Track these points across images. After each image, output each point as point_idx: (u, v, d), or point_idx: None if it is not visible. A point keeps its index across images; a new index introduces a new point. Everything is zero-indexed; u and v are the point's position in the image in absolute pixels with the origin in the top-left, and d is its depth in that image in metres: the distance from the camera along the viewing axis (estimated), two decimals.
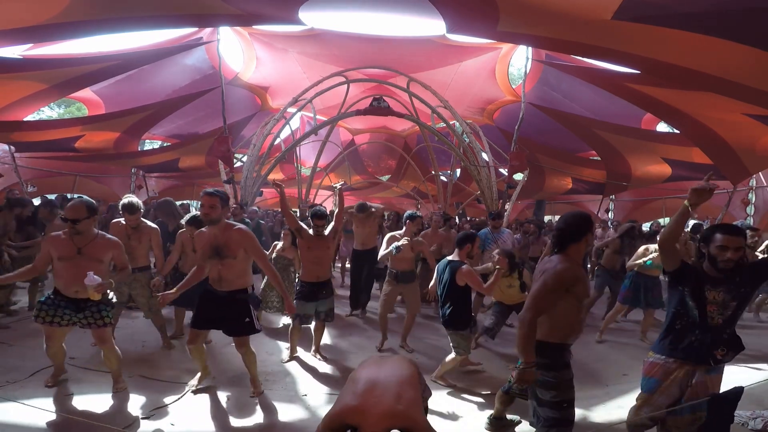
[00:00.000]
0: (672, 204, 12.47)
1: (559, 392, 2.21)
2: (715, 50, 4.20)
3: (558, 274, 2.13)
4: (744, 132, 6.67)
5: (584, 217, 2.29)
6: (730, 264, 2.19)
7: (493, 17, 4.82)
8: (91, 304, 2.99)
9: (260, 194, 10.11)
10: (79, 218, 2.89)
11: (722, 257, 2.20)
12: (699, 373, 2.29)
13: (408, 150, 15.76)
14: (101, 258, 3.00)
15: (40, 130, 8.94)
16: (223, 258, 3.06)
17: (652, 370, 2.39)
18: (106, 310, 3.06)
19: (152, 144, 16.83)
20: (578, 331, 2.31)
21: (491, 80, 10.29)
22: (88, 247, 2.96)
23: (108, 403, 3.05)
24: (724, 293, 2.23)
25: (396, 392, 1.69)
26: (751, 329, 5.79)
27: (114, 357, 3.17)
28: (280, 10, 6.27)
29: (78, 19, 5.09)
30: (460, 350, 3.57)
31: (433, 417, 3.15)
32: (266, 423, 2.98)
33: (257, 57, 9.92)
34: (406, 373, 1.86)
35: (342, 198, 4.19)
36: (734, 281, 2.23)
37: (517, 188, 10.20)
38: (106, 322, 3.06)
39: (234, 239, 3.06)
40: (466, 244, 3.68)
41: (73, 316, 2.98)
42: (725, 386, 3.79)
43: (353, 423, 1.63)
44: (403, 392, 1.70)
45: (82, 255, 2.93)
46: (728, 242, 2.20)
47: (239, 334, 3.17)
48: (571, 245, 2.22)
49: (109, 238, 3.12)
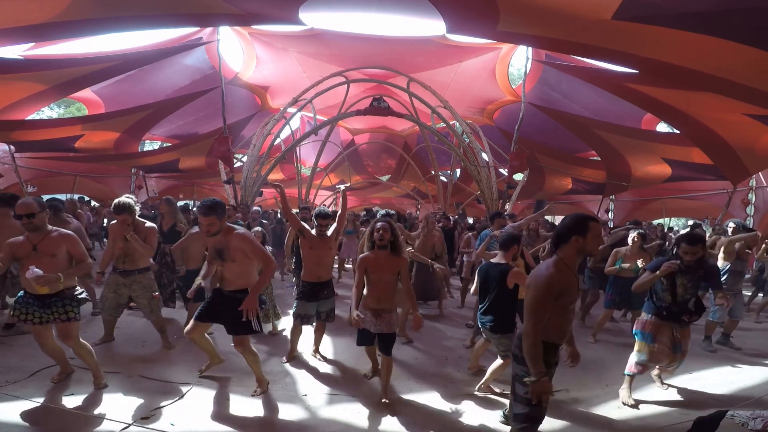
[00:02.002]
0: (672, 204, 12.48)
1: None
2: (715, 50, 4.21)
3: (546, 282, 2.10)
4: (744, 132, 6.68)
5: (577, 217, 2.22)
6: (691, 263, 3.28)
7: (493, 17, 4.83)
8: (56, 299, 3.00)
9: (260, 194, 10.11)
10: (34, 212, 2.95)
11: (685, 258, 3.28)
12: (675, 327, 3.41)
13: (408, 150, 15.77)
14: (54, 252, 3.01)
15: (40, 129, 8.95)
16: (224, 260, 3.16)
17: (646, 326, 3.45)
18: (71, 305, 3.07)
19: (152, 144, 16.83)
20: (565, 333, 2.30)
21: (491, 80, 10.29)
22: (43, 243, 2.99)
23: (108, 403, 3.05)
24: (687, 280, 3.33)
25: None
26: (752, 330, 5.79)
27: (85, 351, 3.18)
28: (280, 10, 6.28)
29: (79, 18, 5.10)
30: (509, 352, 3.45)
31: (447, 416, 3.15)
32: (266, 423, 2.98)
33: (257, 57, 9.92)
34: None
35: (345, 199, 4.19)
36: (697, 273, 3.34)
37: (517, 188, 10.21)
38: (70, 317, 3.06)
39: (233, 244, 3.11)
40: (513, 245, 3.56)
41: (42, 312, 3.00)
42: (726, 387, 3.82)
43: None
44: None
45: (37, 252, 2.96)
46: (688, 250, 3.27)
47: (236, 332, 3.19)
48: (563, 247, 2.18)
49: (62, 232, 3.12)
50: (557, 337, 2.25)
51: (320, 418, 3.09)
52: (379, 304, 3.32)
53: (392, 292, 3.37)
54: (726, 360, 4.61)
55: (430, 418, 3.13)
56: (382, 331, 3.32)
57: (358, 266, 3.34)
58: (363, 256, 3.38)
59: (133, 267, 4.06)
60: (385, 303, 3.33)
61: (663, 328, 3.39)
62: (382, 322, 3.31)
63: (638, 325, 3.50)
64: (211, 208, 3.04)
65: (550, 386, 2.13)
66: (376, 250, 3.30)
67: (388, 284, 3.32)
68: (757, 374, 4.20)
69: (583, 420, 3.18)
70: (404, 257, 3.39)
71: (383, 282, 3.30)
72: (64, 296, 3.04)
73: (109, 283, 4.07)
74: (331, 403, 3.31)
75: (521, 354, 2.21)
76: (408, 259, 3.48)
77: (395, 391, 3.49)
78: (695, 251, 3.26)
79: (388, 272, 3.29)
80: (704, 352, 4.81)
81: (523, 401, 2.24)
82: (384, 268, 3.29)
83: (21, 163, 9.43)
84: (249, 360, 3.32)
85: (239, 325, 3.13)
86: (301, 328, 4.09)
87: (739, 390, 3.80)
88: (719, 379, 4.06)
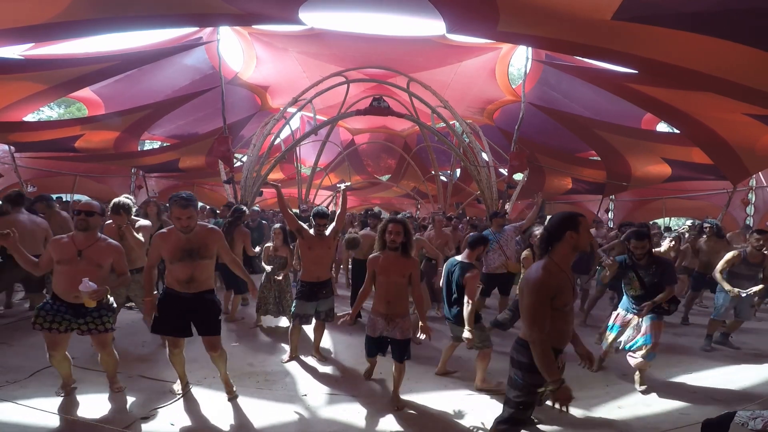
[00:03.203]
0: (672, 204, 12.47)
1: (522, 393, 2.21)
2: (715, 50, 4.21)
3: (539, 287, 2.07)
4: (744, 132, 6.68)
5: (566, 215, 2.20)
6: (641, 257, 3.71)
7: (493, 17, 4.83)
8: (92, 310, 2.91)
9: (260, 194, 10.11)
10: (93, 212, 2.90)
11: (636, 252, 3.72)
12: (644, 320, 3.69)
13: (408, 150, 15.77)
14: (101, 263, 2.92)
15: (40, 130, 8.95)
16: (200, 259, 2.96)
17: (617, 320, 3.90)
18: (108, 316, 3.00)
19: (152, 144, 16.82)
20: (565, 337, 2.27)
21: (491, 80, 10.29)
22: (89, 250, 2.88)
23: (108, 403, 3.05)
24: (644, 275, 3.70)
25: None
26: (751, 330, 5.79)
27: (112, 361, 3.15)
28: (280, 9, 6.28)
29: (79, 18, 5.09)
30: (483, 344, 3.56)
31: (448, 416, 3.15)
32: (266, 423, 2.98)
33: (257, 57, 9.92)
34: None
35: (345, 199, 4.18)
36: (650, 269, 3.70)
37: (517, 188, 10.21)
38: (107, 328, 3.01)
39: (212, 239, 3.00)
40: (480, 245, 3.71)
41: (73, 321, 2.90)
42: (727, 386, 3.81)
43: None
44: None
45: (82, 258, 2.85)
46: (636, 245, 3.70)
47: (212, 332, 3.09)
48: (555, 245, 2.15)
49: (111, 242, 3.04)
50: (557, 342, 2.19)
51: (320, 418, 3.09)
52: (390, 308, 3.16)
53: (404, 295, 3.20)
54: (726, 360, 4.60)
55: (430, 418, 3.13)
56: (394, 337, 3.17)
57: (368, 267, 3.23)
58: (372, 257, 3.25)
59: (131, 267, 4.06)
60: (396, 307, 3.17)
61: (632, 322, 3.79)
62: (395, 328, 3.16)
63: (612, 319, 3.96)
64: (190, 200, 2.86)
65: (570, 391, 2.06)
66: (386, 251, 3.17)
67: (398, 287, 3.15)
68: (758, 374, 4.20)
69: (583, 420, 3.18)
70: (415, 259, 3.25)
71: (393, 285, 3.15)
72: (100, 306, 2.94)
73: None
74: (331, 403, 3.31)
75: (518, 357, 2.19)
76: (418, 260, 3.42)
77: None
78: (642, 245, 3.67)
79: (398, 274, 3.13)
80: (704, 352, 4.80)
81: (511, 404, 2.26)
82: (393, 271, 3.13)
83: (21, 163, 9.43)
84: (220, 360, 3.19)
85: (213, 326, 3.08)
86: (301, 327, 4.09)
87: (739, 390, 3.80)
88: (720, 379, 4.06)
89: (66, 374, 3.11)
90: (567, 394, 2.04)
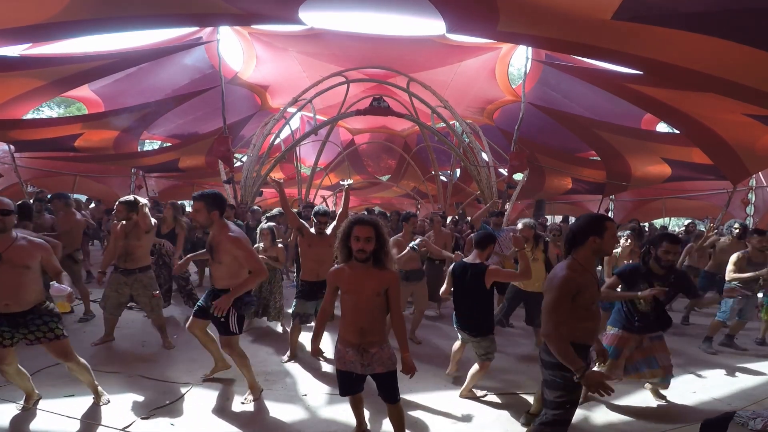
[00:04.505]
0: (672, 204, 12.47)
1: (565, 392, 2.19)
2: (715, 50, 4.20)
3: (562, 284, 2.10)
4: (744, 132, 6.67)
5: (594, 218, 2.23)
6: (671, 263, 3.16)
7: (493, 17, 4.83)
8: (32, 317, 2.65)
9: (260, 194, 10.11)
10: (9, 210, 2.61)
11: (666, 258, 3.12)
12: (646, 339, 3.26)
13: (408, 150, 15.76)
14: (28, 263, 2.62)
15: (39, 127, 8.94)
16: (213, 259, 3.09)
17: (612, 341, 3.29)
18: (54, 322, 2.73)
19: (152, 144, 16.83)
20: (593, 333, 2.28)
21: (491, 80, 10.29)
22: (9, 251, 2.58)
23: (108, 404, 3.05)
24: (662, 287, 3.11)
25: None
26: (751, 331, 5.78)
27: (82, 369, 2.91)
28: (280, 9, 6.27)
29: (78, 18, 5.08)
30: (492, 355, 3.39)
31: (448, 417, 3.15)
32: (266, 423, 2.98)
33: (257, 56, 9.92)
34: None
35: (348, 197, 4.18)
36: (668, 279, 3.17)
37: (517, 188, 10.20)
38: (58, 334, 2.73)
39: (223, 246, 2.98)
40: (489, 244, 3.46)
41: (15, 332, 2.63)
42: (727, 386, 3.81)
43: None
44: None
45: (3, 262, 2.55)
46: (670, 249, 3.11)
47: (219, 331, 3.16)
48: (578, 249, 2.19)
49: (34, 241, 2.74)
50: (585, 338, 2.21)
51: (320, 418, 3.09)
52: (363, 336, 2.39)
53: (380, 318, 2.46)
54: (726, 360, 4.60)
55: (430, 419, 3.13)
56: (375, 372, 2.43)
57: (327, 283, 2.52)
58: (335, 270, 2.49)
59: (134, 266, 4.09)
60: (371, 334, 2.40)
61: (630, 342, 3.26)
62: (373, 361, 2.41)
63: (605, 340, 3.29)
64: (203, 195, 2.99)
65: (598, 376, 2.04)
66: (352, 262, 2.41)
67: (371, 309, 2.40)
68: (759, 374, 4.20)
69: (583, 420, 3.18)
70: (393, 270, 2.46)
71: (365, 306, 2.39)
72: (41, 312, 2.68)
73: (111, 282, 4.10)
74: (331, 403, 3.31)
75: (549, 358, 2.18)
76: (398, 272, 2.64)
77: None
78: (676, 250, 3.15)
79: (370, 292, 2.39)
80: (704, 353, 4.80)
81: (553, 405, 2.22)
82: (364, 287, 2.39)
83: (21, 163, 9.42)
84: (237, 363, 3.20)
85: (218, 324, 3.10)
86: (301, 327, 4.09)
87: (740, 391, 3.81)
88: (720, 379, 4.06)
89: (26, 388, 2.90)
90: (597, 378, 2.03)
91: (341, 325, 2.48)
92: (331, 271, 2.52)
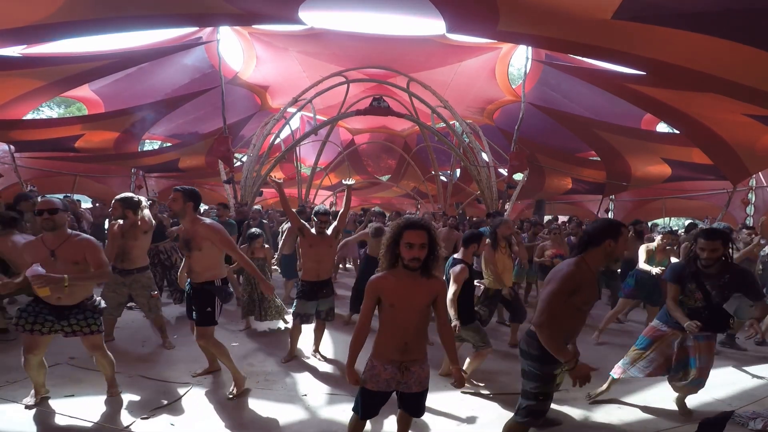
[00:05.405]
0: (672, 204, 12.48)
1: (540, 384, 2.27)
2: (715, 50, 4.21)
3: (564, 278, 2.16)
4: (744, 132, 6.68)
5: (611, 223, 2.31)
6: (710, 262, 2.83)
7: (493, 17, 4.83)
8: (76, 311, 2.84)
9: (260, 194, 10.12)
10: (57, 209, 2.76)
11: (702, 256, 2.84)
12: (689, 338, 3.00)
13: (408, 150, 15.77)
14: (77, 260, 2.79)
15: (40, 128, 8.95)
16: (190, 250, 3.15)
17: (650, 332, 3.18)
18: (93, 317, 2.92)
19: (152, 144, 16.83)
20: (574, 334, 2.36)
21: (491, 80, 10.30)
22: (62, 248, 2.76)
23: (108, 404, 3.05)
24: (711, 287, 2.89)
25: None
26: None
27: (107, 362, 3.08)
28: (280, 9, 6.28)
29: (74, 18, 5.06)
30: (480, 344, 3.50)
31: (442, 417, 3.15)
32: (266, 423, 2.98)
33: (257, 56, 9.93)
34: None
35: (350, 196, 4.17)
36: (722, 279, 2.86)
37: (517, 188, 10.21)
38: (93, 330, 2.92)
39: (199, 233, 3.10)
40: (472, 243, 3.60)
41: (56, 323, 2.82)
42: (727, 388, 3.81)
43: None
44: None
45: (56, 258, 2.73)
46: (704, 245, 2.83)
47: (198, 323, 3.20)
48: (590, 249, 2.24)
49: (83, 237, 2.89)
50: (565, 335, 2.27)
51: (320, 418, 3.09)
52: (407, 353, 2.16)
53: (424, 332, 2.24)
54: (727, 360, 4.60)
55: (430, 418, 3.13)
56: (410, 391, 2.20)
57: (367, 293, 2.18)
58: (377, 278, 2.18)
59: (132, 266, 4.08)
60: (415, 351, 2.18)
61: (667, 338, 3.07)
62: (410, 380, 2.18)
63: (646, 332, 3.22)
64: (183, 188, 3.15)
65: (587, 369, 2.13)
66: (398, 269, 2.14)
67: (417, 322, 2.17)
68: (759, 375, 4.19)
69: (584, 420, 3.18)
70: (441, 279, 2.28)
71: (413, 320, 2.15)
72: (84, 307, 2.87)
73: (109, 282, 4.08)
74: (331, 403, 3.31)
75: (528, 349, 2.28)
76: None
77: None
78: (714, 247, 2.79)
79: (420, 304, 2.15)
80: None
81: (528, 396, 2.31)
82: (413, 299, 2.13)
83: (21, 163, 9.42)
84: (217, 353, 3.29)
85: (202, 316, 3.17)
86: (301, 327, 4.09)
87: (740, 391, 3.80)
88: (720, 379, 4.05)
89: (39, 382, 2.97)
90: (585, 371, 2.13)
91: (379, 340, 2.22)
92: (373, 279, 2.18)
